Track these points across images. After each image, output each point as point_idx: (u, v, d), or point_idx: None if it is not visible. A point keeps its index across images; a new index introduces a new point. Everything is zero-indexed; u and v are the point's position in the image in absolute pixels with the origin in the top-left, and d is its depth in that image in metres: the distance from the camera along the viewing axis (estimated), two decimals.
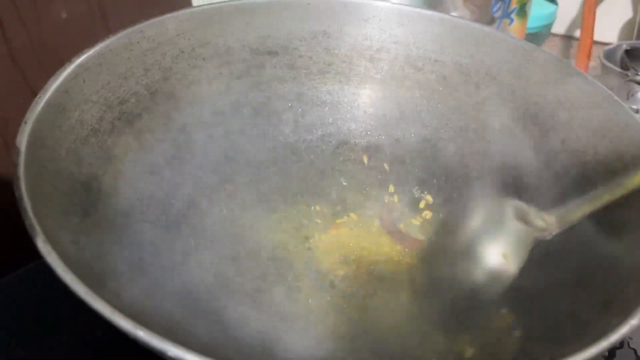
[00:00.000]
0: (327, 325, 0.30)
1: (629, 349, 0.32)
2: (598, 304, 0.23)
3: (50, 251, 0.19)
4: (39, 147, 0.24)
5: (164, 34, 0.33)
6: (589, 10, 0.70)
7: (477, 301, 0.28)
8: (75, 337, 0.34)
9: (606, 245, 0.26)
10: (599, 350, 0.17)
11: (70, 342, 0.34)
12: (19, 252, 0.40)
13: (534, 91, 0.33)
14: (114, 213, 0.28)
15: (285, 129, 0.38)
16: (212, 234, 0.33)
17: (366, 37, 0.37)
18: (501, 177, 0.34)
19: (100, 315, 0.17)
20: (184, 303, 0.27)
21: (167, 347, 0.16)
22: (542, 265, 0.28)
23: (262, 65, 0.37)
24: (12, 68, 0.41)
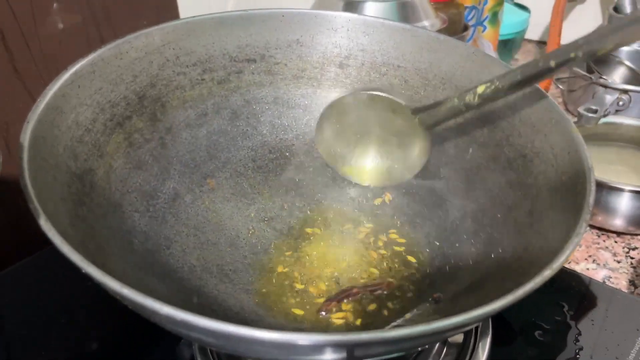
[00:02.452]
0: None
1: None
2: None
3: (51, 227, 0.22)
4: (40, 144, 0.27)
5: (150, 44, 0.36)
6: (556, 17, 0.74)
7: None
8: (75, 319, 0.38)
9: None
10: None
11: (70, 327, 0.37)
12: (20, 246, 0.43)
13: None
14: (106, 203, 0.31)
15: (263, 129, 0.42)
16: (195, 223, 0.36)
17: (336, 46, 0.41)
18: (455, 170, 0.38)
19: (92, 278, 0.21)
20: (168, 280, 0.31)
21: (147, 302, 0.20)
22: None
23: (241, 71, 0.40)
24: (13, 76, 0.45)
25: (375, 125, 0.40)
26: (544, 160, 0.32)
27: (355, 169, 0.42)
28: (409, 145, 0.39)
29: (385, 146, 0.41)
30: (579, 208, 0.26)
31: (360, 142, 0.41)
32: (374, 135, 0.41)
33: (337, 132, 0.41)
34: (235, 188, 0.39)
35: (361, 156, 0.42)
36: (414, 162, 0.39)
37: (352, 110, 0.40)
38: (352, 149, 0.41)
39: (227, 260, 0.35)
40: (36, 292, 0.40)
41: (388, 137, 0.40)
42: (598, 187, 0.50)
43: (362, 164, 0.42)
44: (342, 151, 0.41)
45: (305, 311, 0.33)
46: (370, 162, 0.42)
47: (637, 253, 0.50)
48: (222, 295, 0.32)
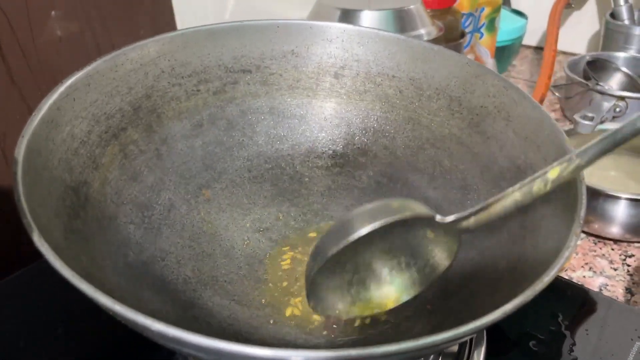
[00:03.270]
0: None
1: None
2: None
3: (44, 243, 0.22)
4: (35, 158, 0.27)
5: (146, 55, 0.36)
6: (553, 24, 0.74)
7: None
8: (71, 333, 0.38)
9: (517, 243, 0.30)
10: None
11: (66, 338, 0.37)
12: (18, 257, 0.43)
13: (478, 102, 0.37)
14: (101, 215, 0.31)
15: (259, 139, 0.42)
16: (191, 234, 0.36)
17: (330, 56, 0.41)
18: (450, 180, 0.38)
19: (84, 294, 0.21)
20: (163, 293, 0.31)
21: (139, 318, 0.20)
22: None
23: (236, 82, 0.40)
24: (10, 86, 0.45)
25: (386, 249, 0.29)
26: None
27: (371, 305, 0.31)
28: (429, 251, 0.30)
29: (393, 263, 0.30)
30: (570, 221, 0.26)
31: (365, 279, 0.30)
32: (381, 261, 0.30)
33: (335, 280, 0.29)
34: (231, 198, 0.39)
35: (369, 289, 0.31)
36: (435, 266, 0.31)
37: (355, 251, 0.28)
38: (357, 290, 0.30)
39: (222, 272, 0.35)
40: (33, 302, 0.40)
41: (399, 253, 0.30)
42: (595, 195, 0.51)
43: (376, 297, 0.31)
44: (344, 299, 0.30)
45: (299, 323, 0.33)
46: (382, 288, 0.31)
47: (634, 260, 0.50)
48: (217, 307, 0.32)
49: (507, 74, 0.92)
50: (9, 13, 0.44)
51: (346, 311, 0.30)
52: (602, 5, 0.92)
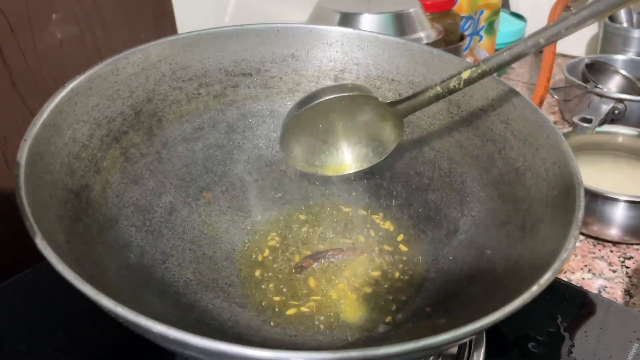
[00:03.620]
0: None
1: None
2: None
3: (46, 246, 0.22)
4: (37, 161, 0.27)
5: (147, 59, 0.37)
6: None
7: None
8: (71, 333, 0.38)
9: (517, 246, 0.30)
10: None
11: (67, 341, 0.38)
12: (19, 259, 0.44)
13: (477, 105, 0.37)
14: (103, 218, 0.31)
15: (259, 142, 0.42)
16: (191, 236, 0.36)
17: (330, 60, 0.42)
18: (449, 182, 0.38)
19: (86, 296, 0.21)
20: (164, 295, 0.31)
21: (141, 320, 0.20)
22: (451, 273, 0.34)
23: (237, 85, 0.41)
24: (11, 91, 0.45)
25: (344, 121, 0.39)
26: (536, 174, 0.32)
27: (328, 167, 0.40)
28: (379, 130, 0.38)
29: (353, 137, 0.39)
30: (568, 223, 0.26)
31: (327, 141, 0.40)
32: (342, 131, 0.39)
33: (302, 136, 0.39)
34: (231, 201, 0.40)
35: (335, 152, 0.40)
36: (385, 147, 0.39)
37: (318, 114, 0.38)
38: (319, 149, 0.40)
39: (222, 274, 0.35)
40: (34, 305, 0.41)
41: (357, 129, 0.39)
42: (593, 197, 0.51)
43: (335, 160, 0.40)
44: (308, 154, 0.40)
45: (300, 324, 0.33)
46: (344, 157, 0.40)
47: (633, 262, 0.50)
48: (217, 309, 0.32)
49: (507, 76, 0.92)
50: (10, 16, 0.44)
51: (307, 166, 0.40)
52: None
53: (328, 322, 0.33)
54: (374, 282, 0.36)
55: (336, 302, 0.34)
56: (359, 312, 0.34)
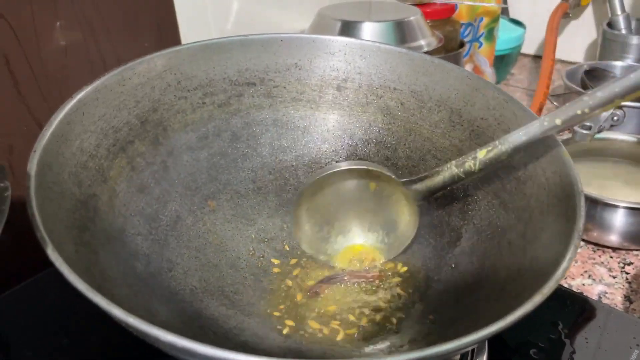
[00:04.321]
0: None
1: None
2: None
3: (58, 257, 0.23)
4: (46, 172, 0.28)
5: (152, 69, 0.37)
6: (551, 33, 0.75)
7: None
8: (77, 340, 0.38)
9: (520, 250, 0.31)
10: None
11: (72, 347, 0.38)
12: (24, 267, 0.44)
13: (478, 115, 0.38)
14: (110, 227, 0.32)
15: (263, 151, 0.42)
16: (197, 244, 0.37)
17: (333, 69, 0.42)
18: (450, 191, 0.38)
19: (98, 306, 0.22)
20: (170, 304, 0.31)
21: (151, 330, 0.21)
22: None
23: (241, 94, 0.41)
24: (17, 100, 0.46)
25: (358, 198, 0.39)
26: (537, 183, 0.33)
27: (339, 257, 0.40)
28: (396, 217, 0.38)
29: (370, 222, 0.40)
30: (569, 233, 0.27)
31: (342, 222, 0.40)
32: (357, 210, 0.40)
33: (317, 220, 0.40)
34: (236, 209, 0.40)
35: (345, 239, 0.40)
36: (402, 237, 0.39)
37: (331, 185, 0.39)
38: (333, 231, 0.40)
39: (227, 282, 0.36)
40: (40, 311, 0.41)
41: (372, 210, 0.39)
42: (593, 204, 0.51)
43: (346, 252, 0.40)
44: (323, 237, 0.40)
45: (305, 333, 0.33)
46: (356, 244, 0.40)
47: (632, 268, 0.51)
48: (223, 317, 0.33)
49: (506, 82, 0.93)
50: (16, 26, 0.45)
51: (316, 252, 0.39)
52: (600, 15, 0.93)
53: (332, 331, 0.33)
54: (377, 290, 0.36)
55: (340, 309, 0.35)
56: (363, 320, 0.34)
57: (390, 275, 0.37)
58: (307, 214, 0.39)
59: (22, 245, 0.47)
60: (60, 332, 0.39)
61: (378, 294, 0.36)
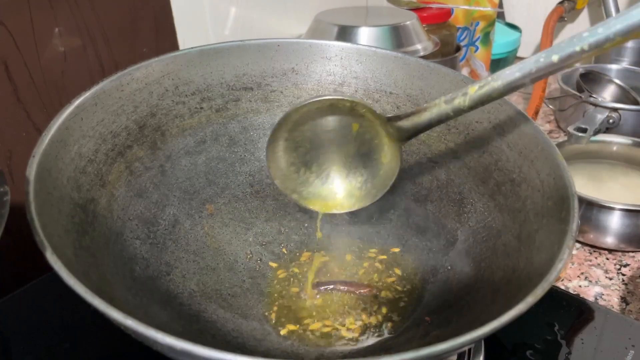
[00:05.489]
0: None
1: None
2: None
3: (57, 260, 0.23)
4: (45, 177, 0.28)
5: (150, 75, 0.37)
6: (546, 37, 0.76)
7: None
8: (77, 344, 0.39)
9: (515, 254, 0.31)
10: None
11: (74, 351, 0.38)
12: (24, 271, 0.44)
13: (473, 119, 0.38)
14: (108, 231, 0.32)
15: (261, 155, 0.43)
16: (195, 248, 0.37)
17: (330, 73, 0.43)
18: (447, 193, 0.39)
19: (97, 309, 0.22)
20: (168, 307, 0.32)
21: (150, 332, 0.21)
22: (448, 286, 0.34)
23: (238, 99, 0.42)
24: (17, 106, 0.46)
25: (334, 139, 0.36)
26: (531, 185, 0.33)
27: (310, 197, 0.38)
28: (375, 161, 0.36)
29: (345, 166, 0.38)
30: (563, 234, 0.27)
31: (315, 162, 0.38)
32: (333, 152, 0.37)
33: (288, 150, 0.37)
34: (234, 213, 0.40)
35: (316, 180, 0.38)
36: (381, 182, 0.37)
37: (308, 121, 0.36)
38: (306, 171, 0.38)
39: (225, 285, 0.36)
40: (41, 315, 0.41)
41: (349, 153, 0.37)
42: (589, 206, 0.52)
43: (318, 190, 0.38)
44: (294, 174, 0.37)
45: (301, 335, 0.33)
46: (328, 187, 0.38)
47: (629, 270, 0.51)
48: (221, 320, 0.33)
49: None
50: (15, 33, 0.45)
51: (291, 192, 0.37)
52: (595, 18, 0.94)
53: (330, 332, 0.34)
54: (374, 292, 0.37)
55: (338, 312, 0.35)
56: (360, 322, 0.34)
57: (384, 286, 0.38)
58: (284, 150, 0.36)
59: (22, 249, 0.48)
60: (60, 335, 0.39)
61: (376, 296, 0.36)
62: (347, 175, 0.38)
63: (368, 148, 0.37)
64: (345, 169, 0.38)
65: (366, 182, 0.38)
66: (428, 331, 0.32)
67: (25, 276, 0.44)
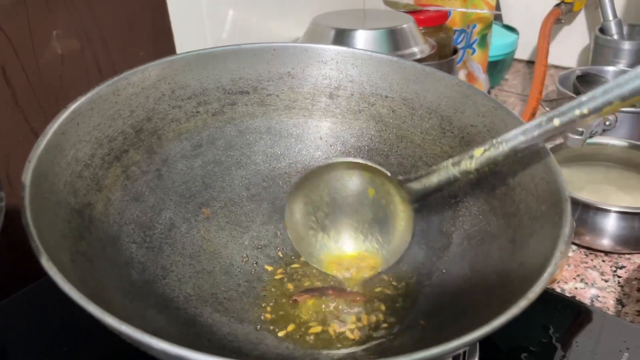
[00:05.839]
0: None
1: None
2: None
3: (52, 266, 0.23)
4: (42, 182, 0.28)
5: (147, 79, 0.38)
6: (543, 39, 0.76)
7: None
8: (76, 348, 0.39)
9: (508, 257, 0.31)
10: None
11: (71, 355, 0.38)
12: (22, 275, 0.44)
13: (468, 122, 0.38)
14: (105, 236, 0.32)
15: (257, 159, 0.43)
16: (191, 252, 0.37)
17: (325, 77, 0.43)
18: (442, 197, 0.39)
19: (92, 315, 0.22)
20: (165, 311, 0.32)
21: (144, 337, 0.21)
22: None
23: (234, 103, 0.42)
24: (15, 110, 0.46)
25: (352, 204, 0.38)
26: (525, 189, 0.33)
27: (327, 261, 0.39)
28: (390, 226, 0.38)
29: (362, 231, 0.39)
30: (555, 238, 0.27)
31: (333, 227, 0.39)
32: (350, 217, 0.39)
33: (307, 213, 0.39)
34: (230, 217, 0.41)
35: (332, 244, 0.40)
36: (396, 247, 0.38)
37: (326, 184, 0.38)
38: (324, 235, 0.40)
39: (221, 289, 0.36)
40: (39, 319, 0.41)
41: (366, 219, 0.39)
42: (585, 208, 0.52)
43: (334, 254, 0.39)
44: (312, 238, 0.39)
45: (297, 339, 0.34)
46: (345, 252, 0.39)
47: (624, 272, 0.51)
48: (217, 324, 0.33)
49: (500, 88, 0.94)
50: (13, 37, 0.45)
51: (311, 256, 0.38)
52: (592, 20, 0.94)
53: (324, 336, 0.34)
54: (369, 296, 0.37)
55: (333, 315, 0.35)
56: (355, 325, 0.35)
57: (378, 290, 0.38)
58: (303, 213, 0.38)
59: (19, 254, 0.48)
60: (58, 339, 0.39)
61: (371, 301, 0.36)
62: (364, 241, 0.40)
63: (384, 214, 0.39)
64: (362, 235, 0.40)
65: (381, 248, 0.39)
66: (423, 335, 0.32)
67: (23, 280, 0.44)
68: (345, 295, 0.36)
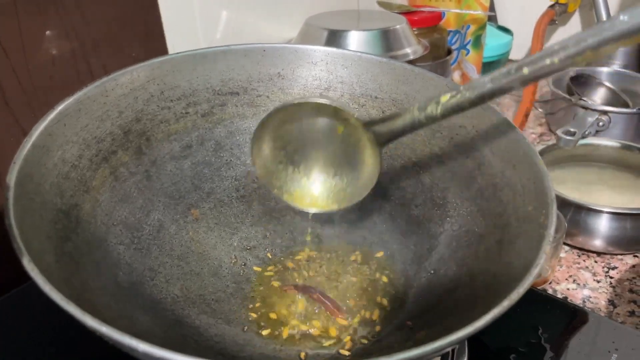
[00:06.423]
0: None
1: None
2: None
3: (33, 267, 0.23)
4: (27, 183, 0.28)
5: (135, 80, 0.38)
6: (537, 41, 0.76)
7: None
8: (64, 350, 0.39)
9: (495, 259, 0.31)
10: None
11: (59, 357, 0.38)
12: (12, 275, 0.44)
13: (457, 123, 0.38)
14: (92, 237, 0.32)
15: (247, 160, 0.43)
16: (179, 253, 0.37)
17: (315, 78, 0.43)
18: (431, 197, 0.39)
19: (73, 317, 0.22)
20: (152, 312, 0.32)
21: (125, 339, 0.21)
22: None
23: (224, 104, 0.42)
24: (4, 110, 0.46)
25: (321, 140, 0.37)
26: (513, 190, 0.33)
27: (297, 194, 0.38)
28: (359, 163, 0.36)
29: (332, 166, 0.38)
30: (540, 239, 0.27)
31: (303, 161, 0.38)
32: (319, 152, 0.38)
33: (276, 148, 0.37)
34: (219, 218, 0.41)
35: (304, 178, 0.38)
36: (364, 184, 0.37)
37: (294, 121, 0.36)
38: (294, 169, 0.38)
39: (209, 290, 0.36)
40: (27, 321, 0.41)
41: (335, 154, 0.37)
42: (578, 209, 0.52)
43: (305, 188, 0.38)
44: (282, 172, 0.38)
45: (284, 340, 0.34)
46: (315, 186, 0.38)
47: (616, 273, 0.51)
48: (204, 325, 0.33)
49: None
50: (3, 38, 0.45)
51: (281, 189, 0.37)
52: (586, 21, 0.94)
53: (311, 337, 0.34)
54: (357, 297, 0.37)
55: (321, 317, 0.35)
56: (342, 326, 0.34)
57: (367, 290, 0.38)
58: (271, 148, 0.37)
59: (8, 256, 0.48)
60: (46, 341, 0.39)
61: (358, 300, 0.36)
62: (334, 175, 0.38)
63: (353, 150, 0.37)
64: (332, 169, 0.38)
65: (351, 183, 0.38)
66: (409, 335, 0.32)
67: (12, 282, 0.44)
68: (327, 306, 0.36)
